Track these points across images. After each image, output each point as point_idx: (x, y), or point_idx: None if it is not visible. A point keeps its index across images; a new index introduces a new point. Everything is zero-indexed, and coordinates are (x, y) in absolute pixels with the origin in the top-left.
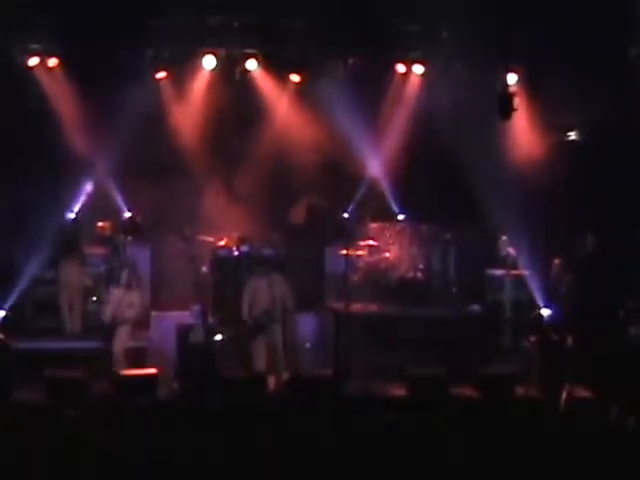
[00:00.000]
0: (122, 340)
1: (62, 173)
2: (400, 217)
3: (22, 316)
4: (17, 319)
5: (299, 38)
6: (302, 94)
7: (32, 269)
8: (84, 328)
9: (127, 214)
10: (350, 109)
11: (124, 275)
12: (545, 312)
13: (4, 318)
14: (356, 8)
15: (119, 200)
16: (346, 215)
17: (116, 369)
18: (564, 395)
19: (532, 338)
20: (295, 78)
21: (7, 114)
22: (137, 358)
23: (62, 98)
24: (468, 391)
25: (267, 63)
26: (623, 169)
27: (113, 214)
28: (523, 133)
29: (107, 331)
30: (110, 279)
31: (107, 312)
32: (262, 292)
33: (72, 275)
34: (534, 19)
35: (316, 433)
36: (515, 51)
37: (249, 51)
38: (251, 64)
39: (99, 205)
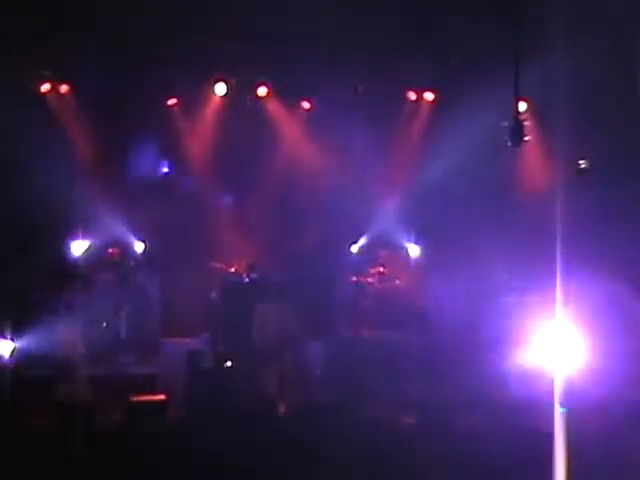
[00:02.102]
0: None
1: (72, 196)
2: (410, 248)
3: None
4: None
5: (309, 65)
6: (312, 121)
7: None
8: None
9: (138, 243)
10: (360, 136)
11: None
12: None
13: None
14: (366, 36)
15: (129, 226)
16: (356, 242)
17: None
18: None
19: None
20: (305, 105)
21: (17, 138)
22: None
23: (73, 123)
24: (475, 418)
25: (278, 90)
26: (630, 198)
27: (123, 240)
28: (534, 161)
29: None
30: (119, 305)
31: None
32: (272, 319)
33: (73, 302)
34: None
35: (325, 459)
36: (526, 80)
37: (260, 78)
38: (262, 91)
39: (109, 231)
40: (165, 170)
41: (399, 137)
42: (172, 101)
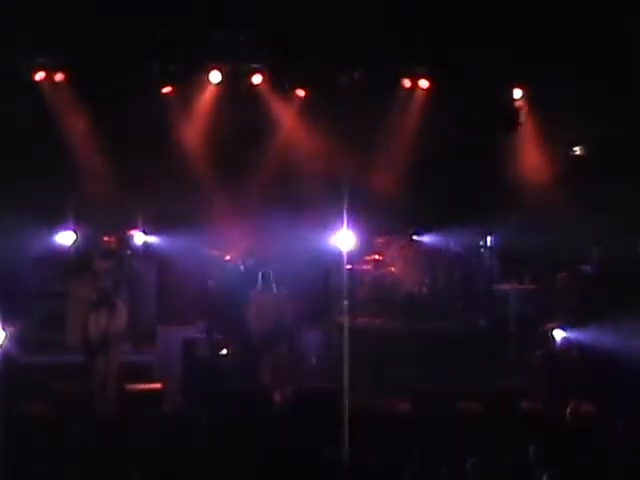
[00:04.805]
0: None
1: (66, 187)
2: (414, 237)
3: (28, 329)
4: (23, 332)
5: (305, 52)
6: (307, 108)
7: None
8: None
9: (137, 231)
10: (355, 123)
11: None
12: (559, 333)
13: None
14: (362, 23)
15: (125, 214)
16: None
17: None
18: (569, 410)
19: (537, 352)
20: (300, 93)
21: (12, 127)
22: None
23: (68, 112)
24: (473, 406)
25: (273, 78)
26: (628, 182)
27: (119, 228)
28: (528, 147)
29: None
30: (116, 293)
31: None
32: (268, 306)
33: (83, 292)
34: (539, 35)
35: (320, 447)
36: (520, 66)
37: (255, 66)
38: (257, 79)
39: (105, 219)
40: None
41: (394, 124)
42: (167, 89)
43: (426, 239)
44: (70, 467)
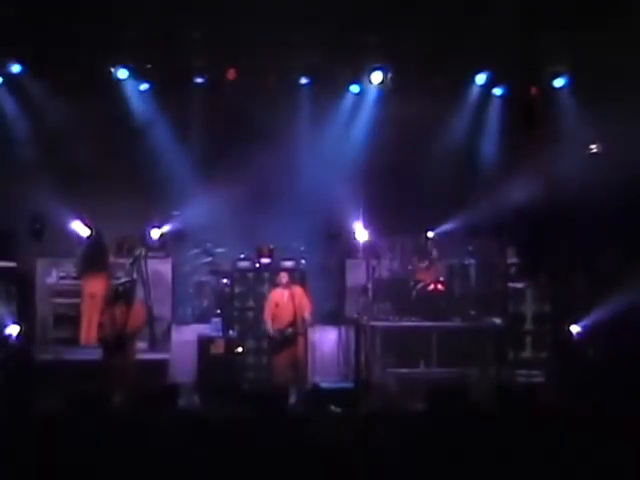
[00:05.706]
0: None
1: (80, 185)
2: (430, 234)
3: (42, 327)
4: (37, 330)
5: (315, 51)
6: (319, 106)
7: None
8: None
9: (153, 229)
10: (368, 120)
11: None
12: (575, 328)
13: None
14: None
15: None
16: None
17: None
18: (585, 407)
19: (553, 350)
20: (312, 90)
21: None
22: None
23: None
24: (488, 404)
25: (284, 76)
26: None
27: (134, 226)
28: (545, 146)
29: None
30: (132, 290)
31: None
32: (283, 304)
33: (98, 288)
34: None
35: (335, 446)
36: (537, 64)
37: (267, 64)
38: (269, 77)
39: (120, 216)
40: None
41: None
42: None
43: (442, 236)
44: (84, 464)
